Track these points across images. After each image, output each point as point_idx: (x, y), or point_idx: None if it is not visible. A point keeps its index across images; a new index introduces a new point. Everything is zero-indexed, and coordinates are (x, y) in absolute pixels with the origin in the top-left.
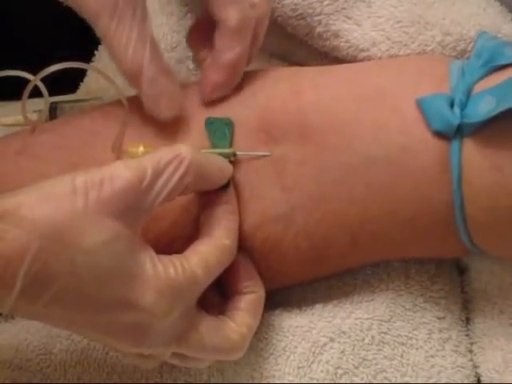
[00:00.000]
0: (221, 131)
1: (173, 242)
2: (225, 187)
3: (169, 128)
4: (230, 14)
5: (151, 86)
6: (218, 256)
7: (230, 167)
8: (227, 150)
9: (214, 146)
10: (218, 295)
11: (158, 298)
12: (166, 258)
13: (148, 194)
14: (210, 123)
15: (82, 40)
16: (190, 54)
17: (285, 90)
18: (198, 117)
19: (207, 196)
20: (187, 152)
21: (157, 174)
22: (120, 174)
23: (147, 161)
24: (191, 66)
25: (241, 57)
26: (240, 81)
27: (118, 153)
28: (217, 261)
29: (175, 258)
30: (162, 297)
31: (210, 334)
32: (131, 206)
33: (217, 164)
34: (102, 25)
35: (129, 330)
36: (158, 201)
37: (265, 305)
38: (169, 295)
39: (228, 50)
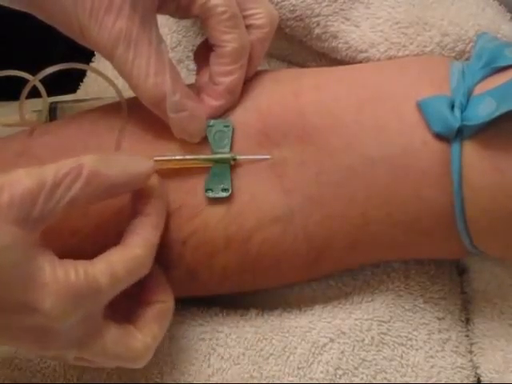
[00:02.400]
0: (220, 134)
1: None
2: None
3: (168, 130)
4: (226, 40)
5: (177, 111)
6: (127, 265)
7: (144, 170)
8: (227, 156)
9: (213, 149)
10: (129, 304)
11: (56, 302)
12: (69, 263)
13: (48, 201)
14: (209, 126)
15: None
16: (190, 54)
17: (285, 92)
18: None
19: (133, 207)
20: (88, 163)
21: (56, 183)
22: (20, 180)
23: (48, 169)
24: (191, 66)
25: (237, 82)
26: None
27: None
28: (125, 270)
29: (80, 263)
30: (59, 300)
31: (113, 342)
32: (30, 213)
33: (127, 170)
34: (119, 57)
35: (30, 333)
36: (59, 209)
37: (265, 305)
38: (67, 299)
39: (224, 76)
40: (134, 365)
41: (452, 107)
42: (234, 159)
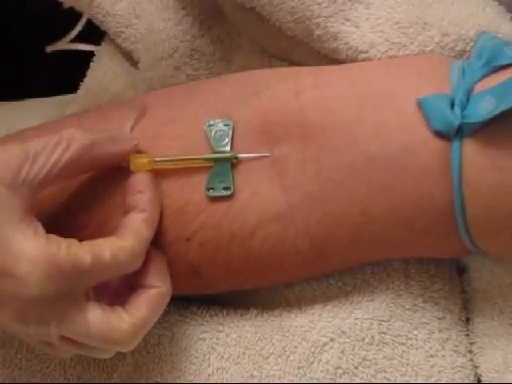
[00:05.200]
0: (221, 133)
1: None
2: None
3: (168, 129)
4: None
5: None
6: (114, 253)
7: (127, 142)
8: (228, 155)
9: (214, 148)
10: (129, 292)
11: (31, 268)
12: (54, 237)
13: (33, 165)
14: (210, 125)
15: (82, 40)
16: (188, 59)
17: (286, 90)
18: (198, 118)
19: (127, 203)
20: (68, 132)
21: (40, 150)
22: (7, 148)
23: (34, 141)
24: (189, 71)
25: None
26: (240, 81)
27: None
28: (111, 256)
29: (66, 239)
30: (35, 267)
31: (97, 321)
32: (17, 176)
33: (105, 134)
34: None
35: (7, 300)
36: (45, 174)
37: (265, 304)
38: (43, 268)
39: None
40: (119, 346)
41: (452, 105)
42: (236, 158)
